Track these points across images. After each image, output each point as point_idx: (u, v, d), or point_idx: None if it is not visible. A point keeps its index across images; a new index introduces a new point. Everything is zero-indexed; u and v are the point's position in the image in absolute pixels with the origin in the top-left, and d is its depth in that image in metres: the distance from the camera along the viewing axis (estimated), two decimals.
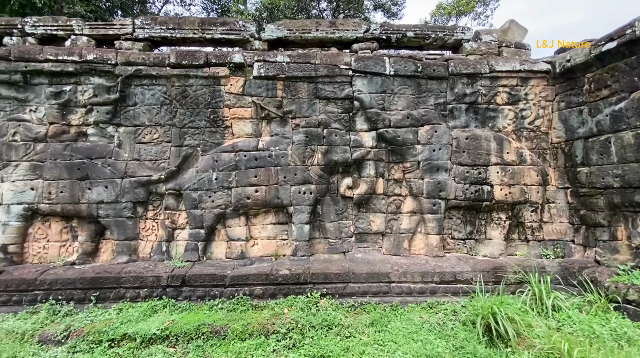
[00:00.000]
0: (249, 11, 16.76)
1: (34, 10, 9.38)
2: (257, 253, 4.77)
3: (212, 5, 17.42)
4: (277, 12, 15.13)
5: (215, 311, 3.82)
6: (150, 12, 16.43)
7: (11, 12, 8.92)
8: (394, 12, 17.77)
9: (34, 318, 3.66)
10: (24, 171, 4.46)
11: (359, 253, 4.82)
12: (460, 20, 18.39)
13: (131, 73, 4.67)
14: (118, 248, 4.53)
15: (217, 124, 4.84)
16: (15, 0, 9.18)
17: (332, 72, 4.86)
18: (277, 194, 4.69)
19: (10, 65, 4.57)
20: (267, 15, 15.06)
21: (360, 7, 17.04)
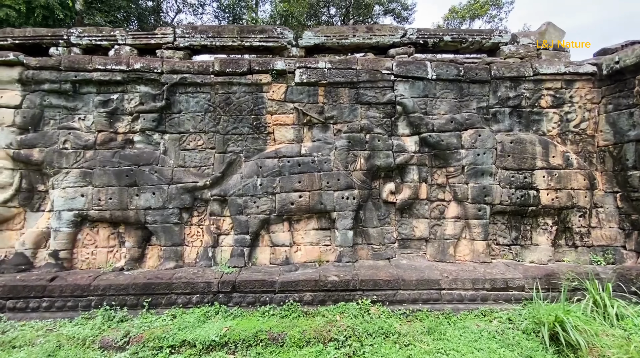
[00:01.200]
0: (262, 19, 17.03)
1: (56, 22, 9.70)
2: (300, 259, 4.75)
3: (223, 14, 17.76)
4: (291, 19, 15.32)
5: (267, 317, 3.80)
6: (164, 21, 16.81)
7: (35, 23, 9.22)
8: (405, 16, 17.80)
9: (91, 323, 3.69)
10: (74, 178, 4.55)
11: (404, 260, 4.76)
12: (473, 24, 18.32)
13: (176, 81, 4.75)
14: (165, 253, 4.56)
15: (259, 130, 4.88)
16: (38, 13, 9.51)
17: (374, 77, 4.86)
18: (321, 199, 4.67)
19: (61, 75, 4.70)
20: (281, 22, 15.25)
21: (369, 13, 17.11)
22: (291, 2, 15.46)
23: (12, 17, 8.89)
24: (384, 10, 17.80)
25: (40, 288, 3.96)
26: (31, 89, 4.73)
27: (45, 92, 4.70)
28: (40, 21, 9.61)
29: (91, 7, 13.47)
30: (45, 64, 4.69)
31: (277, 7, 16.51)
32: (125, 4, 14.68)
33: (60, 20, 9.90)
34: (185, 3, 18.45)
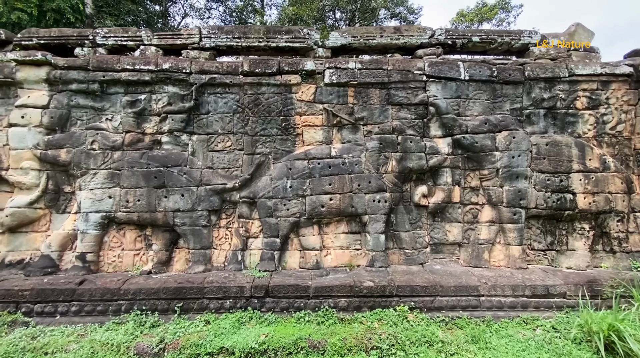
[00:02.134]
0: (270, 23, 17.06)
1: (67, 25, 9.75)
2: (330, 264, 4.63)
3: (229, 18, 17.85)
4: (300, 22, 15.32)
5: (303, 324, 3.68)
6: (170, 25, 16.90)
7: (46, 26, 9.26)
8: (411, 20, 17.78)
9: (123, 329, 3.58)
10: (102, 180, 4.47)
11: (437, 265, 4.63)
12: (482, 27, 18.23)
13: (205, 81, 4.68)
14: (194, 257, 4.46)
15: (288, 131, 4.79)
16: (50, 16, 9.58)
17: (406, 77, 4.77)
18: (352, 202, 4.56)
19: (89, 75, 4.64)
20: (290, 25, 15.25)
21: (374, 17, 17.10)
22: (300, 6, 15.53)
23: (24, 20, 8.95)
24: (390, 14, 17.79)
25: (69, 292, 3.86)
26: (58, 89, 4.67)
27: (72, 92, 4.64)
28: (52, 24, 9.69)
29: (101, 10, 13.61)
30: (74, 63, 4.64)
31: (286, 11, 16.56)
32: (135, 8, 14.86)
33: (71, 23, 9.96)
34: (192, 7, 18.59)
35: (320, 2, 16.06)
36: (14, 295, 3.84)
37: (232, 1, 18.45)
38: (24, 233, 4.54)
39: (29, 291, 3.85)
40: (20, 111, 4.53)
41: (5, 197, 4.56)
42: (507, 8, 18.15)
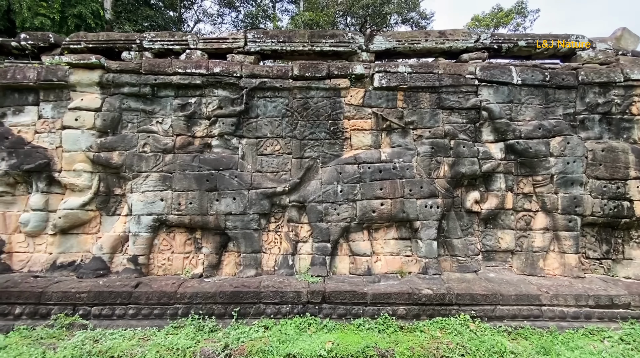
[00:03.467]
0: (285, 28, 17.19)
1: (88, 29, 9.95)
2: (381, 270, 4.55)
3: (239, 23, 18.06)
4: (316, 28, 15.40)
5: (364, 331, 3.61)
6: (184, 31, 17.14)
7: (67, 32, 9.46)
8: (423, 26, 17.75)
9: (183, 333, 3.55)
10: (153, 182, 4.48)
11: (491, 273, 4.52)
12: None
13: (256, 85, 4.68)
14: (245, 261, 4.42)
15: (336, 135, 4.75)
16: (71, 22, 9.79)
17: (457, 81, 4.71)
18: (403, 208, 4.49)
19: (141, 78, 4.67)
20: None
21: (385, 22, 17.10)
22: (317, 12, 15.65)
23: (47, 25, 9.16)
24: (402, 19, 17.80)
25: (126, 295, 3.85)
26: (110, 92, 4.71)
27: (124, 95, 4.68)
28: (73, 29, 9.93)
29: (120, 16, 13.89)
30: (126, 67, 4.68)
31: (303, 16, 16.69)
32: (153, 13, 15.18)
33: (91, 28, 10.17)
34: (205, 13, 18.89)
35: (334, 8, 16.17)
36: (71, 297, 3.84)
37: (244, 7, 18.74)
38: (75, 235, 4.56)
39: (86, 294, 3.85)
40: (73, 114, 4.57)
41: (57, 199, 4.59)
42: (523, 13, 18.02)
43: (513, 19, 17.83)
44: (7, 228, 4.54)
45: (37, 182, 4.51)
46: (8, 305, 3.83)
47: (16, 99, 4.72)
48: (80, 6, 9.90)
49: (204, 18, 18.75)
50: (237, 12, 18.87)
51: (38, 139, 4.65)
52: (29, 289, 3.86)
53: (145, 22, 14.13)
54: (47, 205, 4.53)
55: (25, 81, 4.61)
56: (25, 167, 4.43)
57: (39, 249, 4.54)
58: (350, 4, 16.27)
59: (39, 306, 3.82)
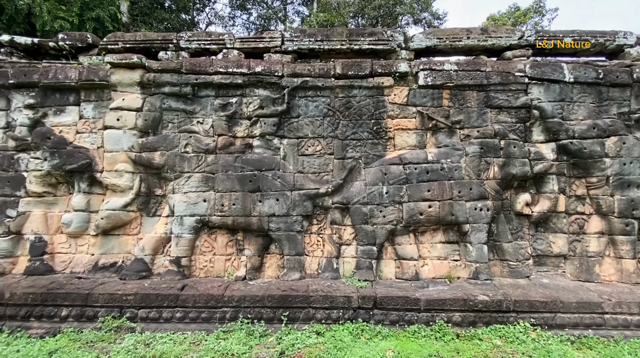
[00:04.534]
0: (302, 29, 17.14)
1: (106, 32, 10.05)
2: (428, 274, 4.40)
3: (250, 25, 18.11)
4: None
5: (420, 339, 3.47)
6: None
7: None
8: (435, 26, 17.52)
9: (234, 338, 3.45)
10: (196, 183, 4.41)
11: (543, 278, 4.34)
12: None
13: (297, 85, 4.58)
14: (289, 263, 4.32)
15: (379, 135, 4.63)
16: (90, 25, 9.92)
17: (506, 79, 4.55)
18: (452, 210, 4.34)
19: (182, 78, 4.62)
20: None
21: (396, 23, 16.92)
22: (332, 13, 15.60)
23: (66, 28, 9.27)
24: (414, 19, 17.62)
25: (172, 298, 3.78)
26: (150, 92, 4.66)
27: (164, 95, 4.62)
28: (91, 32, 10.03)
29: (136, 19, 14.04)
30: (167, 66, 4.63)
31: (317, 17, 16.66)
32: (168, 16, 15.33)
33: (109, 31, 10.26)
34: (217, 16, 19.02)
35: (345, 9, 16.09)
36: (118, 299, 3.78)
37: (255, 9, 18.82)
38: (116, 236, 4.52)
39: (132, 296, 3.78)
40: (115, 114, 4.54)
41: (98, 199, 4.55)
42: (541, 12, 17.67)
43: (531, 17, 17.52)
44: (48, 229, 4.52)
45: (79, 182, 4.48)
46: (54, 307, 3.79)
47: (57, 99, 4.71)
48: (98, 9, 10.05)
49: (216, 20, 18.88)
50: (249, 14, 18.95)
51: (79, 139, 4.62)
52: (75, 291, 3.81)
53: (160, 24, 14.27)
54: (89, 206, 4.50)
55: (67, 81, 4.59)
56: (68, 167, 4.40)
57: (80, 250, 4.50)
58: (362, 5, 16.20)
59: (85, 309, 3.77)
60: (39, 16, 9.04)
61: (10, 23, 9.28)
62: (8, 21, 9.23)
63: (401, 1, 16.69)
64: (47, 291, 3.81)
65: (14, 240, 4.43)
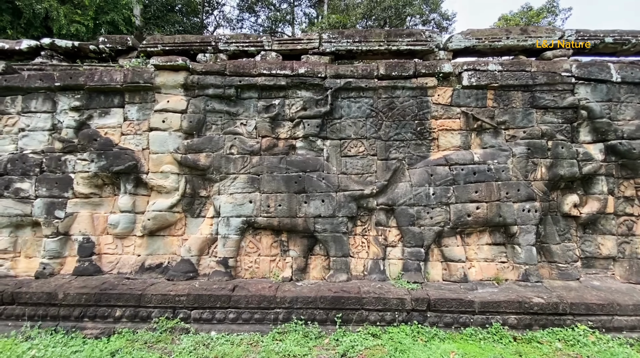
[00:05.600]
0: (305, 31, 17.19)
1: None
2: (475, 276, 4.37)
3: (258, 28, 18.21)
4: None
5: (478, 341, 3.43)
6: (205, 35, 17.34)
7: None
8: (444, 27, 17.41)
9: (291, 339, 3.45)
10: (242, 184, 4.42)
11: (594, 280, 4.28)
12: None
13: (341, 86, 4.58)
14: (335, 265, 4.31)
15: (423, 136, 4.61)
16: (105, 29, 10.23)
17: (552, 79, 4.51)
18: (499, 211, 4.30)
19: (225, 80, 4.64)
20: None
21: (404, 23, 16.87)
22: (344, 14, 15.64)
23: (82, 32, 9.40)
24: (423, 21, 17.57)
25: (225, 298, 3.78)
26: (194, 94, 4.70)
27: (208, 97, 4.65)
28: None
29: (149, 22, 14.20)
30: (211, 68, 4.66)
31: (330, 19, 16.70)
32: (181, 19, 15.49)
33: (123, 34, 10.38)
34: (225, 18, 19.19)
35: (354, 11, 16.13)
36: (170, 300, 3.80)
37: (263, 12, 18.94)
38: (161, 237, 4.55)
39: (185, 297, 3.80)
40: (161, 116, 4.57)
41: (143, 200, 4.59)
42: (554, 12, 17.53)
43: (544, 17, 17.38)
44: (95, 230, 4.56)
45: (125, 184, 4.51)
46: (108, 308, 3.82)
47: (102, 102, 4.76)
48: (112, 13, 10.20)
49: (223, 23, 19.04)
50: (257, 16, 19.07)
51: (124, 141, 4.66)
52: (128, 291, 3.84)
53: (172, 27, 14.43)
54: (135, 207, 4.53)
55: (113, 83, 4.64)
56: (115, 168, 4.44)
57: (127, 250, 4.54)
58: (371, 6, 16.22)
59: (138, 309, 3.80)
60: (56, 20, 9.18)
61: (27, 27, 9.44)
62: (26, 25, 9.39)
63: (410, 2, 16.69)
64: (100, 291, 3.84)
65: (62, 241, 4.48)
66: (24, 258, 4.57)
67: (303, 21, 18.93)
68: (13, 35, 9.15)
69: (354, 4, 16.89)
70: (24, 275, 4.49)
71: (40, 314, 3.83)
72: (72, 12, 9.55)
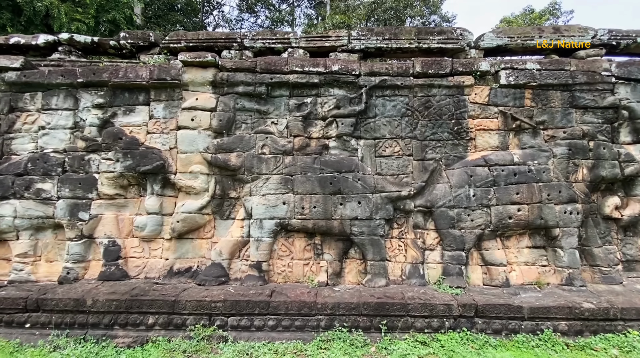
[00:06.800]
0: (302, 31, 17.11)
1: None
2: (516, 281, 4.24)
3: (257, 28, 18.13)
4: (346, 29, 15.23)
5: (532, 349, 3.31)
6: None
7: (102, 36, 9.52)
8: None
9: (336, 348, 3.29)
10: (274, 185, 4.26)
11: (637, 284, 4.17)
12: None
13: (376, 84, 4.45)
14: (373, 269, 4.15)
15: (460, 136, 4.49)
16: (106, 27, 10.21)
17: (592, 79, 4.41)
18: (541, 214, 4.19)
19: (256, 77, 4.48)
20: None
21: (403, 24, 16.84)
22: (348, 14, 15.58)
23: (82, 30, 9.25)
24: (422, 22, 17.58)
25: (263, 305, 3.62)
26: (223, 92, 4.53)
27: (238, 95, 4.49)
28: (107, 34, 10.02)
29: (150, 21, 14.02)
30: (241, 65, 4.49)
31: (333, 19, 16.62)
32: (182, 18, 15.34)
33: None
34: (224, 18, 19.06)
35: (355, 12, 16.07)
36: (206, 306, 3.63)
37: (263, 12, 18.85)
38: (189, 240, 4.37)
39: (221, 303, 3.63)
40: (189, 114, 4.40)
41: (170, 202, 4.41)
42: (556, 14, 17.59)
43: (547, 19, 17.42)
44: (120, 232, 4.37)
45: (152, 184, 4.33)
46: (139, 315, 3.63)
47: (126, 99, 4.57)
48: (114, 12, 10.05)
49: (223, 23, 18.90)
50: (256, 17, 18.97)
51: (150, 139, 4.48)
52: (161, 297, 3.66)
53: (174, 27, 14.25)
54: (162, 208, 4.35)
55: (138, 79, 4.46)
56: (142, 169, 4.25)
57: (154, 254, 4.35)
58: (372, 7, 16.18)
59: (172, 316, 3.62)
60: (57, 18, 9.00)
61: (28, 25, 9.23)
62: (26, 23, 9.17)
63: (411, 4, 16.67)
64: (131, 298, 3.65)
65: (86, 244, 4.28)
66: (44, 262, 4.36)
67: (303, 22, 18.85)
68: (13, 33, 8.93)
69: (355, 6, 16.83)
70: (45, 279, 4.28)
71: (68, 322, 3.63)
72: (72, 10, 9.36)
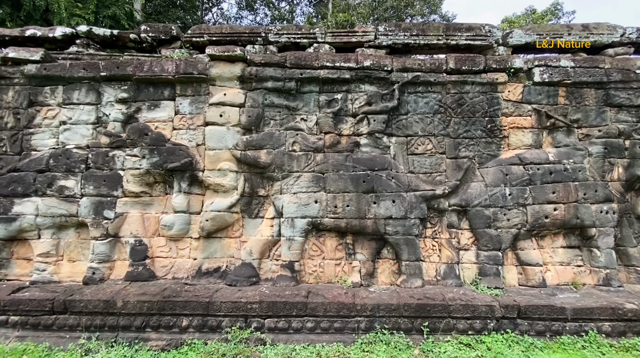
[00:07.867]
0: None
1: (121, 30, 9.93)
2: (551, 281, 4.18)
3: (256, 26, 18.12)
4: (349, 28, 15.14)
5: (579, 350, 3.25)
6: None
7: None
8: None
9: (380, 350, 3.20)
10: (306, 183, 4.16)
11: None
12: None
13: (408, 80, 4.35)
14: (409, 269, 4.07)
15: (493, 134, 4.41)
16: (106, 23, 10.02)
17: (627, 77, 4.35)
18: (577, 213, 4.13)
19: (286, 72, 4.36)
20: None
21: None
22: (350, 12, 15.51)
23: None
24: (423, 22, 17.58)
25: (301, 306, 3.52)
26: (251, 87, 4.41)
27: (267, 90, 4.37)
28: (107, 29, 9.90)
29: (150, 17, 13.85)
30: (270, 60, 4.38)
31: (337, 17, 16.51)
32: (183, 15, 15.18)
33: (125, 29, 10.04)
34: (223, 16, 18.91)
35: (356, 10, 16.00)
36: (242, 308, 3.52)
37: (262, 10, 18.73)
38: (218, 239, 4.25)
39: (257, 304, 3.52)
40: (217, 109, 4.27)
41: (197, 200, 4.29)
42: (557, 15, 17.63)
43: (549, 20, 17.45)
44: (146, 231, 4.24)
45: (179, 182, 4.20)
46: (172, 317, 3.52)
47: (151, 94, 4.44)
48: (114, 7, 9.93)
49: (222, 20, 18.74)
50: (255, 14, 18.83)
51: (176, 136, 4.35)
52: (194, 299, 3.54)
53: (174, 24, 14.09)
54: (189, 207, 4.23)
55: (164, 74, 4.32)
56: (170, 166, 4.12)
57: (182, 254, 4.23)
58: (374, 6, 16.10)
59: (207, 318, 3.50)
60: (56, 13, 8.84)
61: (27, 20, 9.06)
62: (26, 17, 9.00)
63: (411, 3, 16.63)
64: (163, 299, 3.53)
65: (112, 243, 4.15)
66: (67, 262, 4.22)
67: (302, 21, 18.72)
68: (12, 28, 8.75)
69: (356, 4, 16.78)
70: (68, 280, 4.14)
71: (97, 324, 3.51)
72: (72, 5, 9.24)
